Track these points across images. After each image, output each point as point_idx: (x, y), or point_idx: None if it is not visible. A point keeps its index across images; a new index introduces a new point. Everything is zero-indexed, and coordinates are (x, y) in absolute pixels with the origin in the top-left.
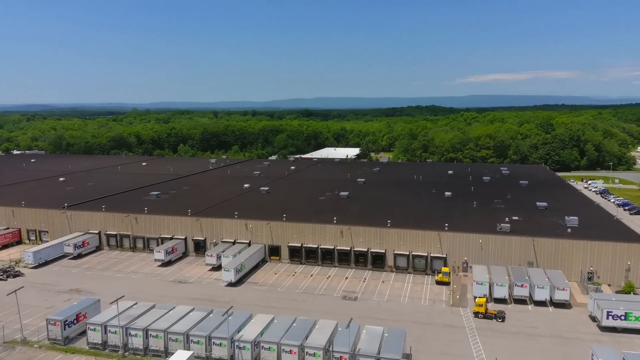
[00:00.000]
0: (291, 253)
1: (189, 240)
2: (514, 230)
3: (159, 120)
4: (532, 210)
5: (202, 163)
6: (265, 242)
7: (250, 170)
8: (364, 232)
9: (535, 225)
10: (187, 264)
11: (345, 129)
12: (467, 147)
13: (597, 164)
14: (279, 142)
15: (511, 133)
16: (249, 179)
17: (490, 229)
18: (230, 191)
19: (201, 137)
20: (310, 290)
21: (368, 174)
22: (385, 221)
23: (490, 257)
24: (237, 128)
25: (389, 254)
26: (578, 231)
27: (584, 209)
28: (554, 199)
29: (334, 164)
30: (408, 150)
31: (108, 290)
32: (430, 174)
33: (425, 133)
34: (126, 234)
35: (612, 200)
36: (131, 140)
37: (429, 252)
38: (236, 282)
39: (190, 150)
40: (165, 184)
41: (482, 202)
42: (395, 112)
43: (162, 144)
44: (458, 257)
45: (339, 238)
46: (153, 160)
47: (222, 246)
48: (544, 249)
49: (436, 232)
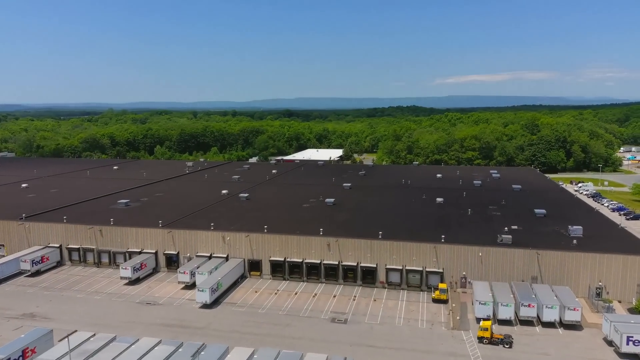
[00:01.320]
0: (273, 268)
1: (159, 255)
2: (516, 242)
3: (136, 121)
4: (530, 218)
5: (178, 166)
6: (245, 256)
7: (229, 174)
8: (353, 245)
9: (537, 236)
10: (157, 282)
11: (327, 130)
12: (452, 149)
13: (583, 165)
14: (260, 143)
15: (496, 134)
16: (228, 184)
17: (490, 240)
18: (206, 198)
19: (179, 138)
20: (294, 311)
21: (354, 178)
22: (375, 232)
23: (491, 272)
24: (217, 129)
25: (380, 269)
26: (583, 242)
27: (584, 216)
28: (551, 205)
29: (317, 166)
30: (392, 152)
31: (66, 314)
32: (418, 178)
33: (410, 134)
34: (90, 248)
35: (605, 204)
36: (104, 141)
37: (424, 267)
38: (212, 303)
39: (167, 152)
40: (137, 191)
41: (476, 208)
42: (377, 112)
43: (137, 145)
44: (456, 271)
45: (326, 251)
46: (126, 163)
47: (197, 261)
48: (549, 263)
49: (432, 244)
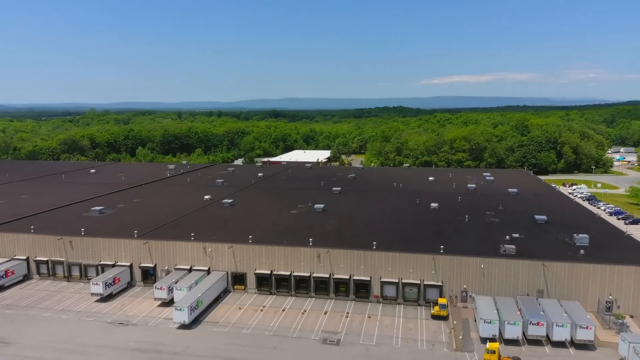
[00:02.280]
0: (259, 282)
1: (135, 268)
2: (520, 252)
3: (119, 121)
4: (531, 225)
5: (159, 169)
6: (228, 269)
7: (213, 178)
8: (345, 256)
9: (541, 245)
10: (132, 298)
11: (314, 130)
12: (442, 150)
13: (574, 166)
14: (246, 144)
15: (486, 135)
16: (211, 188)
17: (492, 250)
18: (187, 204)
19: (162, 139)
20: (282, 331)
21: (343, 182)
22: (369, 242)
23: (494, 285)
24: (201, 130)
25: (375, 282)
26: (591, 252)
27: (586, 223)
28: (550, 210)
29: (305, 169)
30: (381, 153)
31: (28, 337)
32: (409, 181)
33: (398, 135)
34: (59, 261)
35: (602, 207)
36: (84, 143)
37: (422, 280)
38: (191, 323)
39: (149, 154)
40: (113, 196)
41: (473, 215)
42: (364, 113)
43: (118, 147)
44: (456, 284)
45: (316, 263)
46: (104, 166)
47: (175, 275)
48: (555, 275)
49: (430, 255)
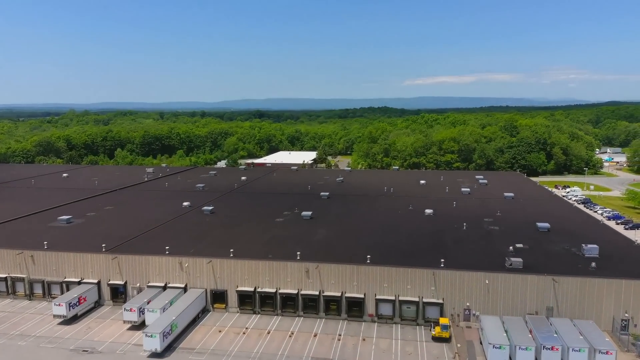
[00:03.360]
0: (241, 300)
1: (103, 285)
2: (527, 266)
3: (98, 122)
4: (533, 233)
5: (137, 172)
6: (207, 286)
7: (194, 182)
8: (337, 271)
9: (547, 257)
10: (99, 320)
11: (300, 131)
12: (430, 152)
13: (564, 167)
14: (229, 146)
15: (475, 136)
16: (191, 194)
17: (496, 263)
18: (164, 212)
19: (141, 140)
20: (267, 357)
21: (331, 186)
22: (362, 254)
23: (500, 303)
24: (183, 131)
25: (369, 299)
26: (602, 264)
27: (591, 230)
28: (551, 216)
29: (290, 172)
30: (369, 155)
31: None
32: (400, 185)
33: (386, 136)
34: (20, 277)
35: (599, 211)
36: (60, 145)
37: (421, 297)
38: (164, 351)
39: (128, 156)
40: (84, 203)
41: (470, 222)
42: (349, 113)
43: (96, 148)
44: (458, 302)
45: (304, 279)
46: (78, 169)
47: (148, 294)
48: (567, 291)
49: (429, 270)
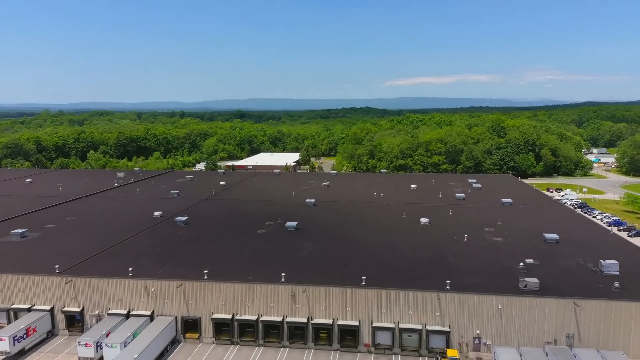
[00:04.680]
0: (217, 329)
1: (57, 313)
2: (544, 287)
3: (73, 123)
4: (541, 245)
5: (107, 177)
6: (177, 313)
7: (168, 188)
8: (327, 295)
9: (562, 275)
10: (51, 355)
11: (282, 132)
12: (417, 153)
13: (553, 169)
14: (208, 147)
15: (462, 137)
16: (164, 201)
17: (507, 283)
18: (132, 224)
19: (116, 142)
20: None
21: (317, 191)
22: (355, 274)
23: (514, 330)
24: (160, 132)
25: (365, 327)
26: (625, 283)
27: (603, 242)
28: (556, 224)
29: (273, 176)
30: (353, 157)
31: None
32: (390, 190)
33: (371, 137)
34: None
35: (598, 217)
36: (29, 147)
37: (424, 323)
38: None
39: (102, 158)
40: (43, 213)
41: (471, 232)
42: (331, 113)
43: (68, 151)
44: (467, 329)
45: (290, 304)
46: (45, 174)
47: (108, 323)
48: (590, 316)
49: (434, 292)
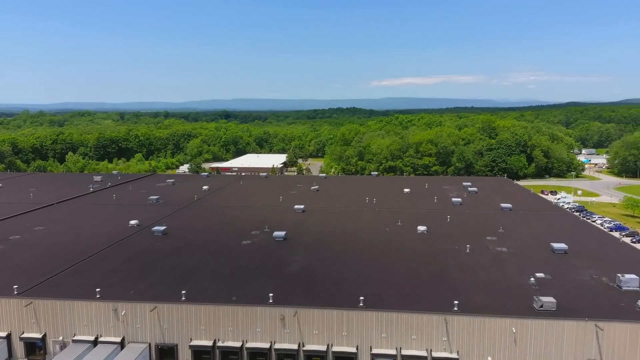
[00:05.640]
0: (196, 357)
1: (15, 339)
2: (561, 307)
3: (53, 123)
4: (549, 256)
5: (83, 181)
6: (151, 339)
7: (148, 193)
8: (321, 318)
9: (576, 291)
10: None
11: (268, 132)
12: (407, 155)
13: (545, 170)
14: (192, 148)
15: (453, 138)
16: (141, 208)
17: (519, 302)
18: (105, 235)
19: (96, 143)
20: None
21: (306, 196)
22: (352, 293)
23: (530, 356)
24: (142, 133)
25: (363, 354)
26: None
27: (613, 250)
28: (560, 232)
29: (259, 179)
30: (342, 158)
31: None
32: (382, 194)
33: (360, 138)
34: None
35: (598, 221)
36: (4, 149)
37: (430, 350)
38: None
39: (81, 160)
40: (10, 223)
41: (472, 241)
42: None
43: (45, 153)
44: (478, 356)
45: (279, 329)
46: (17, 178)
47: (73, 351)
48: (613, 341)
49: (440, 314)
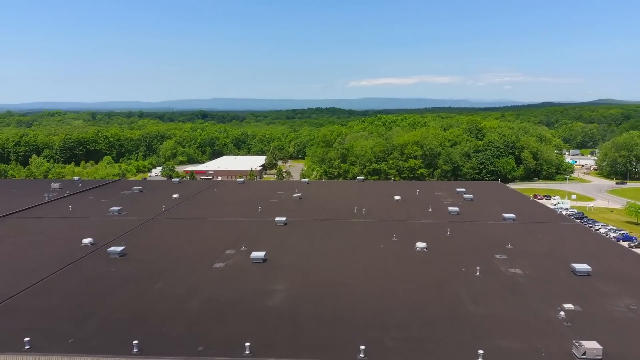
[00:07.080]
0: None
1: None
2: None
3: (21, 124)
4: (572, 280)
5: (40, 188)
6: None
7: (109, 203)
8: None
9: (615, 326)
10: None
11: (246, 133)
12: (391, 157)
13: (534, 173)
14: (165, 150)
15: (439, 139)
16: (99, 222)
17: (553, 346)
18: (51, 258)
19: (62, 145)
20: None
21: (287, 205)
22: (348, 339)
23: None
24: (111, 134)
25: None
26: None
27: (635, 269)
28: (575, 248)
29: (236, 185)
30: (324, 161)
31: None
32: (372, 202)
33: (342, 140)
34: None
35: (602, 230)
36: None
37: None
38: None
39: (45, 164)
40: None
41: (480, 261)
42: (296, 114)
43: (7, 156)
44: None
45: None
46: None
47: None
48: None
49: None
